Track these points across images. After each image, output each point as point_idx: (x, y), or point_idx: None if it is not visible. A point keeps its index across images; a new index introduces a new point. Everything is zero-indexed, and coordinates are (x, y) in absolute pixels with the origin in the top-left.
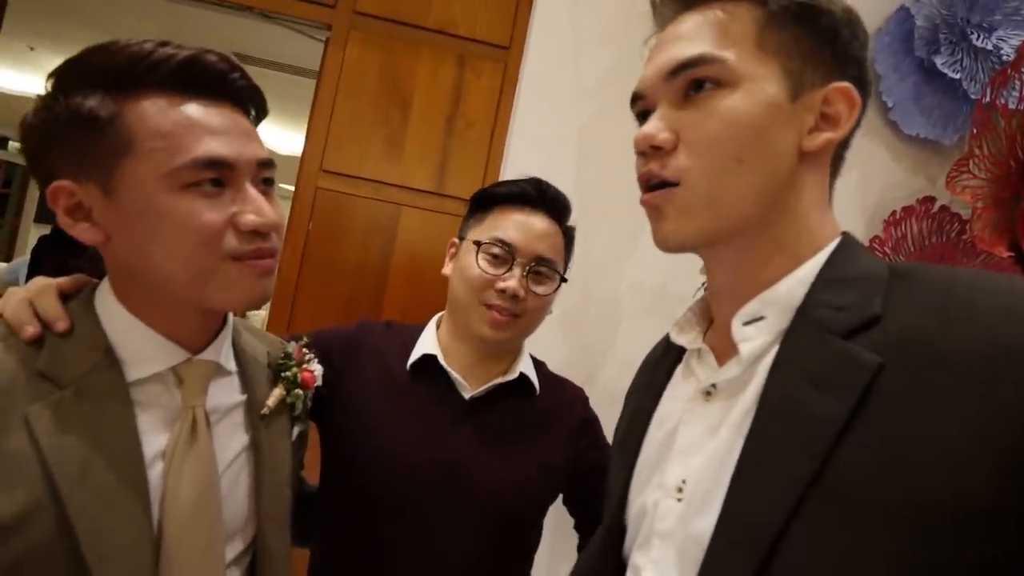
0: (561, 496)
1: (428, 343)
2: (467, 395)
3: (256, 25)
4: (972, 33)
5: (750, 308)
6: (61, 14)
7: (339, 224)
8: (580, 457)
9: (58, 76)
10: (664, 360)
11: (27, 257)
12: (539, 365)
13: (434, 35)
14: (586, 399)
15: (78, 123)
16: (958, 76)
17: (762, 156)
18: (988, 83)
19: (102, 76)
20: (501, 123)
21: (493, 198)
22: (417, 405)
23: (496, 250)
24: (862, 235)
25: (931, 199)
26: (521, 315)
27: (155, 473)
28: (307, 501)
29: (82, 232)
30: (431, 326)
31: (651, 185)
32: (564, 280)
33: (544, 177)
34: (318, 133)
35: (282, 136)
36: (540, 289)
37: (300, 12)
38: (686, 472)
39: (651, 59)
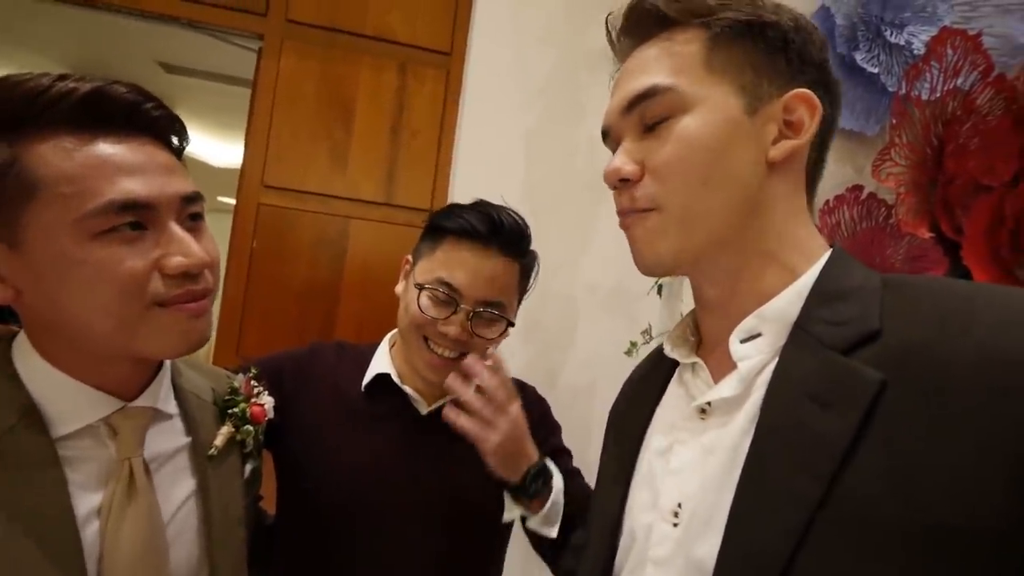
0: None
1: (382, 363)
2: (423, 411)
3: (183, 34)
4: (886, 30)
5: (747, 325)
6: None
7: (285, 240)
8: (541, 446)
9: None
10: (655, 374)
11: None
12: None
13: (373, 42)
14: (541, 398)
15: None
16: (876, 71)
17: (726, 174)
18: (903, 76)
19: None
20: (447, 129)
21: (444, 230)
22: (373, 424)
23: (439, 292)
24: None
25: (859, 187)
26: (467, 352)
27: (91, 532)
28: (267, 533)
29: None
30: (384, 346)
31: (627, 213)
32: (511, 324)
33: (493, 182)
34: (257, 147)
35: (217, 148)
36: (485, 332)
37: (229, 22)
38: (682, 495)
39: (613, 93)
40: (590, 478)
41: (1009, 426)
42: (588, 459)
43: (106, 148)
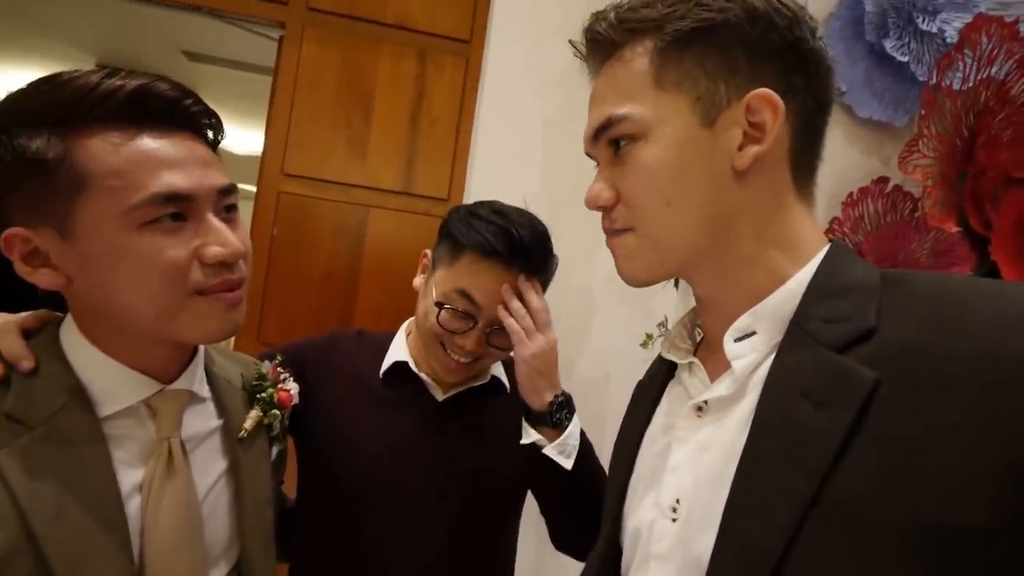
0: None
1: (399, 351)
2: (440, 397)
3: (207, 23)
4: (918, 17)
5: (742, 323)
6: (1, 16)
7: (305, 229)
8: None
9: (0, 116)
10: (657, 376)
11: None
12: (509, 364)
13: (393, 30)
14: None
15: (25, 166)
16: (906, 59)
17: (689, 192)
18: (934, 66)
19: (47, 114)
20: (466, 118)
21: (462, 243)
22: (391, 411)
23: (458, 305)
24: (822, 216)
25: (885, 179)
26: (484, 357)
27: (133, 506)
28: (289, 516)
29: (42, 278)
30: (401, 334)
31: (612, 234)
32: None
33: (511, 171)
34: (277, 135)
35: (238, 135)
36: (502, 343)
37: (252, 10)
38: (680, 491)
39: (588, 119)
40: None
41: (1003, 424)
42: (603, 450)
43: (150, 143)
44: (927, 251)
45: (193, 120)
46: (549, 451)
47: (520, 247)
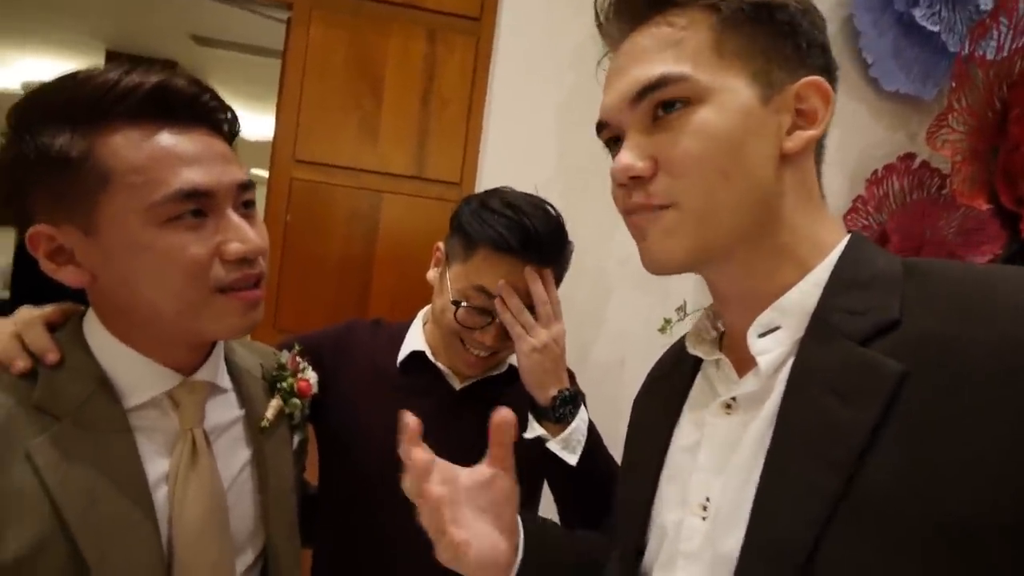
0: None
1: (416, 340)
2: (457, 386)
3: (214, 6)
4: None
5: (765, 318)
6: (3, 5)
7: (318, 215)
8: None
9: (22, 113)
10: (680, 369)
11: None
12: None
13: (401, 9)
14: (572, 374)
15: (49, 164)
16: (937, 29)
17: (746, 166)
18: (967, 35)
19: (69, 111)
20: (477, 99)
21: (475, 239)
22: (409, 399)
23: (476, 302)
24: (845, 195)
25: (911, 155)
26: (502, 350)
27: (160, 496)
28: (310, 503)
29: (67, 275)
30: (417, 323)
31: (639, 209)
32: None
33: (524, 154)
34: (288, 121)
35: (249, 120)
36: None
37: None
38: (709, 489)
39: (610, 84)
40: (617, 454)
41: None
42: (618, 435)
43: (169, 139)
44: (955, 229)
45: (211, 115)
46: (552, 446)
47: (534, 240)
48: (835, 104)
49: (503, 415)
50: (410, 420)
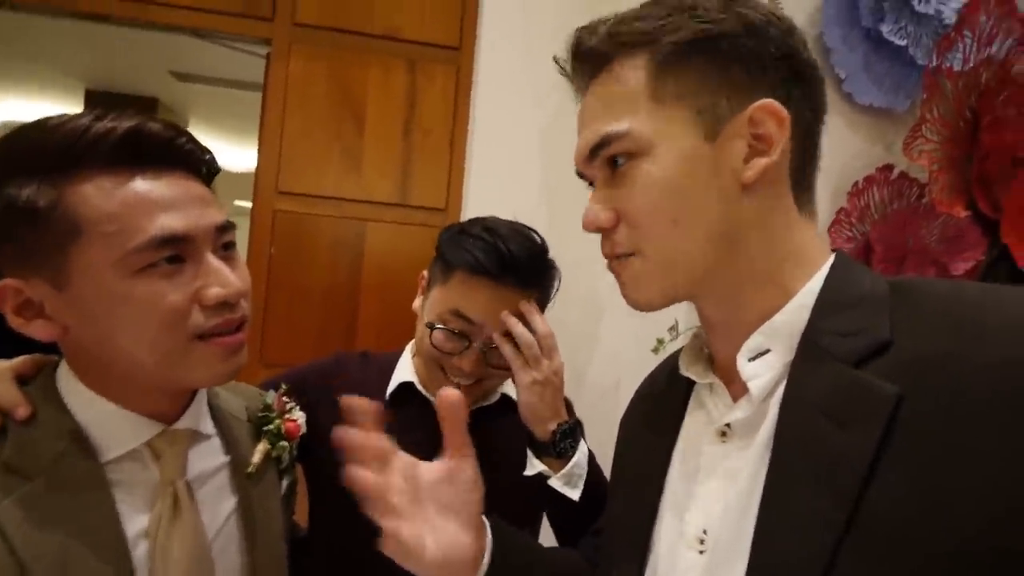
0: None
1: (405, 371)
2: None
3: (193, 43)
4: None
5: (753, 342)
6: None
7: (303, 246)
8: None
9: None
10: (673, 391)
11: None
12: None
13: (380, 41)
14: (569, 403)
15: (15, 216)
16: (904, 43)
17: (697, 209)
18: (934, 48)
19: (36, 161)
20: (459, 127)
21: (453, 263)
22: (399, 433)
23: (452, 326)
24: (828, 207)
25: (890, 167)
26: (486, 379)
27: (140, 553)
28: (300, 546)
29: (36, 330)
30: (407, 354)
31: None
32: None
33: (509, 178)
34: (270, 153)
35: (233, 153)
36: (500, 362)
37: (237, 28)
38: (706, 520)
39: (579, 136)
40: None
41: None
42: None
43: (144, 185)
44: (936, 237)
45: (187, 157)
46: (554, 483)
47: (510, 263)
48: (798, 116)
49: (449, 394)
50: (362, 402)
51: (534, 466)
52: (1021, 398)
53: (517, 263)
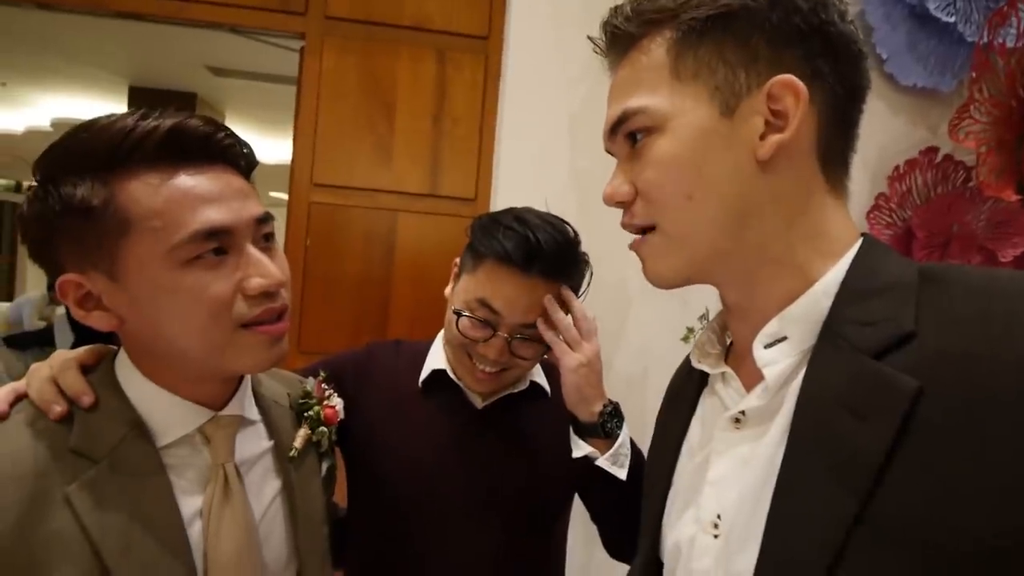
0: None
1: (437, 358)
2: (479, 405)
3: (229, 38)
4: None
5: (771, 328)
6: (29, 45)
7: (337, 237)
8: None
9: (44, 165)
10: (690, 381)
11: (31, 294)
12: (549, 368)
13: (410, 32)
14: None
15: (72, 213)
16: (952, 19)
17: (711, 185)
18: (986, 24)
19: (88, 161)
20: (488, 116)
21: (482, 253)
22: (432, 418)
23: (479, 314)
24: (867, 194)
25: (934, 149)
26: (513, 368)
27: (195, 531)
28: (340, 525)
29: (96, 320)
30: (439, 341)
31: (635, 231)
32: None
33: (537, 168)
34: (305, 146)
35: (268, 145)
36: (526, 352)
37: (271, 23)
38: (720, 506)
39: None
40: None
41: None
42: (643, 446)
43: (187, 180)
44: (983, 223)
45: (226, 152)
46: (603, 463)
47: (538, 253)
48: (826, 91)
49: None
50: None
51: (580, 448)
52: None
53: (545, 254)
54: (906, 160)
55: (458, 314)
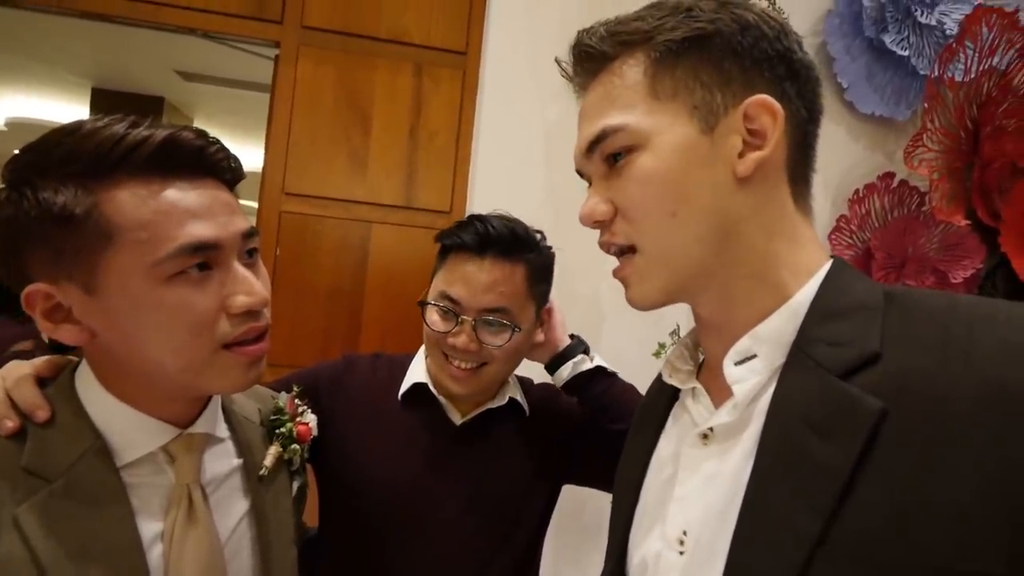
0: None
1: (418, 372)
2: (458, 421)
3: (201, 43)
4: (916, 10)
5: (741, 346)
6: None
7: (308, 247)
8: (589, 431)
9: (21, 167)
10: (661, 396)
11: None
12: (527, 385)
13: (388, 45)
14: (574, 401)
15: (50, 220)
16: (906, 53)
17: (694, 201)
18: (936, 59)
19: (72, 166)
20: (465, 130)
21: (444, 248)
22: (409, 433)
23: (442, 305)
24: (829, 215)
25: (890, 175)
26: (488, 363)
27: (155, 556)
28: (311, 546)
29: (65, 334)
30: (420, 355)
31: (614, 252)
32: (517, 329)
33: (513, 181)
34: (277, 154)
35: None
36: (494, 340)
37: (246, 31)
38: (686, 523)
39: (578, 133)
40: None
41: (1011, 467)
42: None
43: (176, 193)
44: (936, 245)
45: (217, 166)
46: (596, 359)
47: (489, 237)
48: (793, 113)
49: None
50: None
51: (566, 368)
52: (1000, 422)
53: (496, 237)
54: (865, 184)
55: (426, 304)
